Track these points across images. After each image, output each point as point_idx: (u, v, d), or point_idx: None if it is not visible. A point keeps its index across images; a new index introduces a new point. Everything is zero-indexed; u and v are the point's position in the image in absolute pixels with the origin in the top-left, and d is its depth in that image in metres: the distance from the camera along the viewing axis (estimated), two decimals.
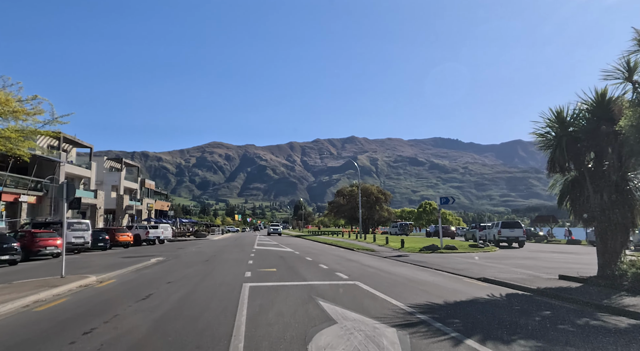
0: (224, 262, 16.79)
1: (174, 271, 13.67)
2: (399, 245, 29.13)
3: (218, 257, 19.77)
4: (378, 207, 67.90)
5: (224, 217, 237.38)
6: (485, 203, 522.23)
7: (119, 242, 33.29)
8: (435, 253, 23.77)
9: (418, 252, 24.36)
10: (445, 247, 24.95)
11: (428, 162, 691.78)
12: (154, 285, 10.57)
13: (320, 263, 15.86)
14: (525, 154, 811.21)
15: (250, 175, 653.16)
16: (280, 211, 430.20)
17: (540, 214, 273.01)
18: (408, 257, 20.74)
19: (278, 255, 20.56)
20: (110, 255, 23.46)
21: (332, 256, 20.85)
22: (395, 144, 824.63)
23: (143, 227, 40.47)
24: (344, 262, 16.76)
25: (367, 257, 20.56)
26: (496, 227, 31.04)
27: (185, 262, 17.44)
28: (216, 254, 21.90)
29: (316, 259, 18.16)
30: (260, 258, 18.90)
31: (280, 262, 16.81)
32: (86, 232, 26.64)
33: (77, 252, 26.65)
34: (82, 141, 49.01)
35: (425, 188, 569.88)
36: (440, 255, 21.52)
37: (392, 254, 22.93)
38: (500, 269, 14.25)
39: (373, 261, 17.99)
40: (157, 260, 18.90)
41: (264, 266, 14.80)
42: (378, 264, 16.21)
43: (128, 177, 66.79)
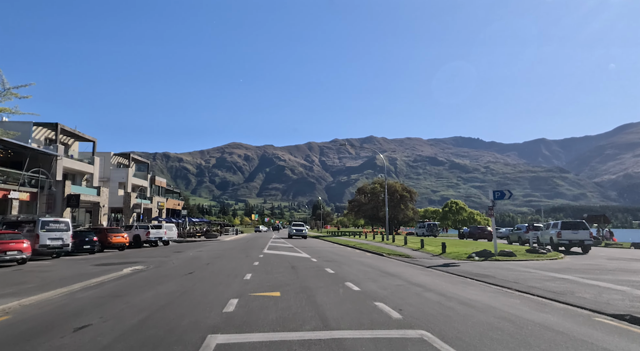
0: (213, 276, 12.15)
1: (126, 294, 8.94)
2: (438, 249, 24.12)
3: (211, 267, 15.16)
4: (403, 205, 62.58)
5: (242, 217, 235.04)
6: (508, 204, 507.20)
7: (112, 243, 29.21)
8: (489, 260, 18.75)
9: (466, 259, 19.37)
10: (499, 252, 19.89)
11: (448, 162, 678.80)
12: (54, 331, 6.00)
13: (347, 281, 11.00)
14: (549, 153, 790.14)
15: (269, 175, 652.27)
16: (298, 211, 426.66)
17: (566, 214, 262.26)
18: (459, 267, 15.82)
19: (289, 264, 15.77)
20: (84, 262, 19.14)
21: (360, 266, 16.01)
22: (414, 144, 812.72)
23: (144, 227, 36.37)
24: (381, 278, 11.88)
25: (408, 268, 15.64)
26: (554, 228, 25.70)
27: (161, 274, 12.85)
28: (211, 261, 17.31)
29: (340, 272, 13.40)
30: (265, 268, 14.17)
31: (290, 277, 12.03)
32: (65, 232, 22.43)
33: (56, 256, 22.53)
34: (84, 134, 45.32)
35: (446, 188, 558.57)
36: (500, 265, 16.51)
37: (435, 262, 18.03)
38: (622, 293, 9.26)
39: (420, 275, 13.07)
40: (132, 270, 14.47)
41: (264, 285, 9.93)
42: (431, 281, 11.26)
43: (137, 174, 63.16)
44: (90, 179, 47.82)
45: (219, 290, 9.20)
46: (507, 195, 19.90)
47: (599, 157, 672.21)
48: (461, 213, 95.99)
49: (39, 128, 40.12)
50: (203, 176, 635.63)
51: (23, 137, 37.99)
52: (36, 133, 40.10)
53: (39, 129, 40.18)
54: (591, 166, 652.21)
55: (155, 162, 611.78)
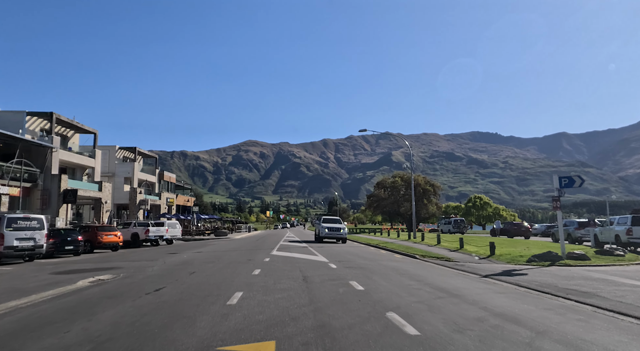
0: (185, 296, 8.09)
1: (28, 338, 5.26)
2: (482, 250, 19.93)
3: (194, 277, 11.26)
4: (426, 200, 58.09)
5: (258, 214, 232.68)
6: (528, 199, 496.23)
7: (103, 243, 25.78)
8: (557, 265, 14.54)
9: (527, 263, 15.20)
10: (567, 255, 15.66)
11: (466, 157, 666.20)
12: None
13: (390, 310, 6.71)
14: (570, 147, 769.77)
15: (285, 172, 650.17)
16: (314, 208, 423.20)
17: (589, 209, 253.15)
18: (527, 276, 11.70)
19: (300, 273, 11.69)
20: (50, 267, 15.52)
21: (396, 275, 11.95)
22: (430, 139, 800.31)
23: (143, 225, 32.96)
24: (439, 301, 7.63)
25: (463, 279, 11.51)
26: (620, 224, 21.27)
27: (117, 292, 8.86)
28: (200, 268, 13.38)
29: (373, 287, 9.22)
30: (265, 281, 10.06)
31: (299, 299, 7.69)
32: (38, 231, 18.92)
33: (28, 259, 19.08)
34: (83, 125, 42.10)
35: (463, 183, 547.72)
36: (582, 273, 12.33)
37: (490, 268, 13.91)
38: None
39: (490, 293, 8.91)
40: (91, 282, 10.75)
41: (254, 320, 5.54)
42: (521, 309, 7.03)
43: (145, 169, 60.07)
44: (91, 174, 44.76)
45: (172, 335, 5.29)
46: (577, 182, 15.56)
47: (623, 150, 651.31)
48: (486, 209, 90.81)
49: (33, 119, 36.96)
50: (220, 174, 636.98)
51: (16, 128, 34.86)
52: (30, 124, 36.97)
53: (34, 119, 37.03)
54: (615, 160, 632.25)
55: (173, 160, 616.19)
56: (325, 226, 31.12)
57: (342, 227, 31.41)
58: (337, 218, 34.60)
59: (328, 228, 30.81)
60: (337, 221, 33.39)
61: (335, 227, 30.96)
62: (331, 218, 34.34)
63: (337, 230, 30.72)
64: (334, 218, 34.39)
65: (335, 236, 30.70)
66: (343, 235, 30.79)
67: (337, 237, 30.75)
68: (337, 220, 34.03)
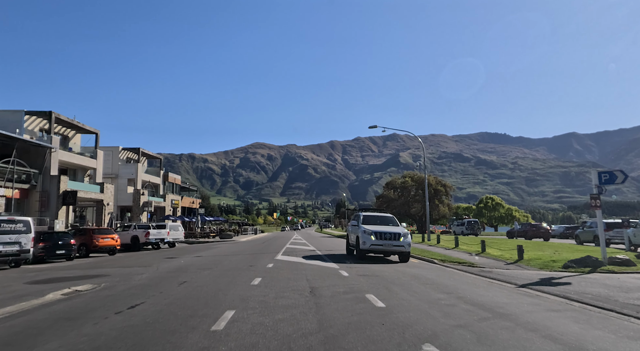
0: (162, 318, 6.51)
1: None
2: (506, 254, 18.11)
3: (183, 289, 9.63)
4: (437, 200, 56.16)
5: (266, 216, 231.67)
6: (538, 200, 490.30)
7: (99, 247, 24.34)
8: (600, 272, 12.75)
9: (563, 269, 13.43)
10: (609, 260, 13.86)
11: (474, 158, 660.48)
12: None
13: (426, 342, 4.93)
14: (580, 148, 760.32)
15: (292, 174, 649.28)
16: (322, 209, 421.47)
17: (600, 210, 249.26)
18: (572, 286, 9.95)
19: (307, 284, 9.66)
20: (31, 275, 13.99)
21: (419, 286, 10.19)
22: (439, 140, 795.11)
23: (144, 227, 31.53)
24: (484, 326, 5.81)
25: (499, 290, 9.70)
26: None
27: (84, 309, 7.26)
28: (194, 277, 11.74)
29: (394, 303, 7.50)
30: (266, 294, 8.30)
31: (305, 322, 5.93)
32: (24, 235, 17.46)
33: (14, 265, 17.62)
34: (84, 125, 40.86)
35: (472, 185, 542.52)
36: (636, 282, 10.60)
37: (524, 276, 12.15)
38: None
39: (553, 316, 6.86)
40: (63, 295, 9.20)
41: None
42: (603, 343, 5.19)
43: (149, 170, 58.84)
44: (93, 175, 43.54)
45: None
46: (619, 178, 13.70)
47: (635, 150, 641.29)
48: (498, 210, 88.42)
49: (32, 118, 35.76)
50: (227, 176, 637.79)
51: (14, 127, 33.65)
52: (29, 124, 35.77)
53: (32, 119, 35.83)
54: (627, 160, 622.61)
55: (181, 163, 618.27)
56: (371, 229, 17.18)
57: (402, 231, 17.36)
58: (389, 216, 20.31)
59: (376, 233, 16.93)
60: (389, 220, 19.44)
61: (389, 232, 17.02)
62: (379, 216, 20.06)
63: (392, 237, 16.88)
64: (384, 216, 20.19)
65: (389, 249, 16.95)
66: (404, 246, 16.86)
67: (393, 250, 17.03)
68: (389, 218, 19.68)
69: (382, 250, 17.12)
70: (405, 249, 16.92)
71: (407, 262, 16.79)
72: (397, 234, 16.97)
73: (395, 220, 19.59)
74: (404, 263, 16.57)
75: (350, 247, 20.15)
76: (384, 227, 17.96)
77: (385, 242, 16.74)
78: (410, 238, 17.44)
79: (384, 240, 16.78)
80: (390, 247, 16.82)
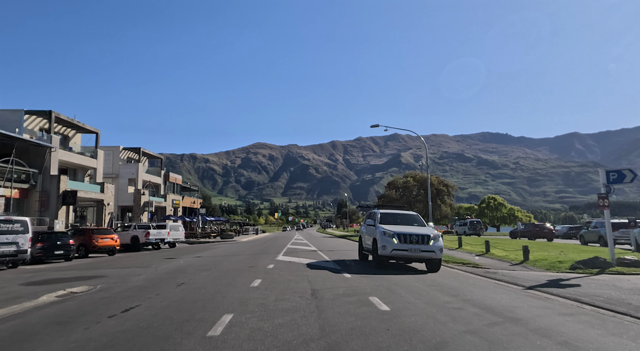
0: (155, 323, 6.37)
1: None
2: (511, 255, 17.78)
3: (180, 291, 9.35)
4: (439, 200, 55.81)
5: (267, 216, 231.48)
6: (539, 200, 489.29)
7: (98, 247, 24.09)
8: (608, 273, 12.44)
9: (571, 271, 13.12)
10: (618, 261, 13.54)
11: (476, 158, 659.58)
12: None
13: (435, 350, 4.67)
14: (582, 147, 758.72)
15: (294, 174, 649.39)
16: (323, 210, 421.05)
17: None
18: (581, 288, 9.64)
19: (308, 286, 9.36)
20: (27, 275, 13.72)
21: (424, 288, 9.81)
22: (440, 140, 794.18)
23: (144, 227, 31.27)
24: (496, 331, 5.50)
25: (506, 293, 9.33)
26: None
27: (76, 312, 6.94)
28: (192, 278, 11.46)
29: (401, 309, 7.01)
30: (265, 297, 7.78)
31: (306, 327, 5.62)
32: (21, 235, 17.21)
33: (12, 265, 17.37)
34: (84, 124, 40.63)
35: (474, 185, 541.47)
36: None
37: (530, 277, 11.83)
38: None
39: (565, 320, 6.48)
40: (57, 297, 8.93)
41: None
42: (622, 349, 4.94)
43: (150, 170, 58.58)
44: (93, 175, 43.32)
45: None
46: (628, 177, 13.39)
47: (637, 150, 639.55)
48: (500, 210, 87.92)
49: (32, 117, 35.55)
50: (229, 176, 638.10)
51: (14, 127, 33.44)
52: (29, 123, 35.55)
53: (32, 118, 35.61)
54: (629, 160, 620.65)
55: (183, 163, 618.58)
56: (392, 230, 13.84)
57: (431, 233, 13.95)
58: (412, 214, 16.56)
59: (399, 235, 13.58)
60: (412, 218, 15.89)
61: (415, 234, 13.65)
62: (400, 214, 16.29)
63: (420, 240, 13.52)
64: (407, 214, 16.46)
65: (415, 255, 13.48)
66: (434, 252, 13.50)
67: (420, 256, 13.54)
68: (413, 217, 16.10)
69: (406, 256, 13.43)
70: (436, 255, 13.42)
71: (437, 272, 13.45)
72: (426, 236, 13.52)
73: (421, 219, 15.88)
74: (434, 272, 13.27)
75: (364, 251, 16.64)
76: (407, 227, 14.47)
77: (411, 246, 13.25)
78: (441, 241, 13.92)
79: (409, 243, 13.30)
80: (417, 253, 13.28)
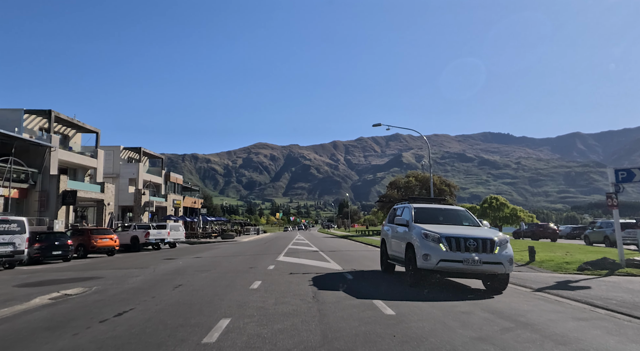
0: (151, 328, 6.04)
1: None
2: (516, 255, 17.42)
3: (177, 293, 9.03)
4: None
5: (269, 217, 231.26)
6: (541, 200, 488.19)
7: (97, 248, 23.83)
8: (618, 275, 12.10)
9: (579, 272, 12.77)
10: (627, 262, 13.20)
11: (477, 158, 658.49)
12: None
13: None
14: (584, 147, 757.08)
15: (295, 174, 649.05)
16: (324, 210, 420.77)
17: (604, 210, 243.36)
18: (592, 291, 9.30)
19: (309, 289, 9.09)
20: (23, 277, 13.51)
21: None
22: (441, 140, 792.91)
23: (144, 227, 31.02)
24: (508, 338, 5.07)
25: (520, 297, 8.84)
26: None
27: (67, 316, 6.60)
28: (191, 279, 11.16)
29: (407, 313, 6.60)
30: (265, 300, 7.43)
31: (309, 333, 5.28)
32: (18, 235, 16.95)
33: (8, 266, 17.10)
34: (85, 124, 40.42)
35: (475, 185, 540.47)
36: None
37: (538, 279, 11.43)
38: None
39: (581, 326, 6.07)
40: (50, 299, 8.64)
41: None
42: None
43: (151, 170, 58.34)
44: (93, 175, 43.08)
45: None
46: (637, 176, 13.07)
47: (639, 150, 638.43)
48: (503, 210, 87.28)
49: (32, 117, 35.31)
50: (230, 176, 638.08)
51: (14, 126, 33.21)
52: (29, 122, 35.32)
53: (32, 118, 35.38)
54: (631, 160, 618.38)
55: (184, 163, 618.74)
56: (437, 232, 9.53)
57: (495, 236, 9.51)
58: (458, 209, 12.24)
59: (449, 238, 9.28)
60: (459, 215, 11.68)
61: (473, 238, 9.29)
62: (442, 209, 11.96)
63: (480, 247, 9.17)
64: (451, 209, 12.19)
65: (475, 268, 9.03)
66: (501, 263, 9.10)
67: (482, 270, 9.12)
68: (460, 213, 11.78)
69: (460, 270, 9.03)
70: (504, 269, 9.05)
71: (502, 293, 9.20)
72: (488, 242, 9.14)
73: (472, 216, 11.53)
74: (499, 294, 9.06)
75: (389, 260, 12.25)
76: (456, 228, 10.17)
77: (467, 255, 8.92)
78: (511, 249, 9.46)
79: (464, 251, 8.99)
80: (475, 265, 8.88)
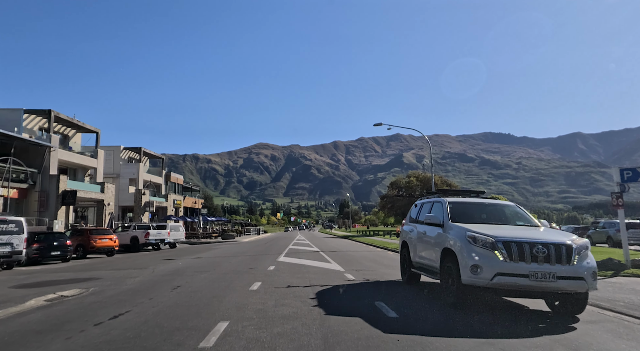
0: (147, 332, 5.84)
1: None
2: None
3: (175, 295, 8.82)
4: None
5: (269, 217, 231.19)
6: (542, 200, 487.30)
7: (96, 248, 23.67)
8: (624, 276, 11.94)
9: None
10: (633, 263, 13.02)
11: (478, 158, 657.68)
12: None
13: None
14: (585, 147, 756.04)
15: (296, 174, 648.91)
16: (325, 210, 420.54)
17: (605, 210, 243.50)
18: (599, 292, 9.16)
19: (309, 291, 9.18)
20: (22, 277, 13.36)
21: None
22: (442, 140, 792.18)
23: (144, 227, 30.87)
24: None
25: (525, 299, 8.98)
26: None
27: (61, 319, 6.36)
28: (190, 280, 11.00)
29: (411, 318, 6.23)
30: (264, 303, 7.25)
31: (309, 337, 4.96)
32: (16, 235, 16.79)
33: (6, 267, 16.95)
34: (84, 124, 40.30)
35: (476, 185, 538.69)
36: None
37: None
38: None
39: (594, 329, 5.78)
40: (46, 301, 8.47)
41: None
42: None
43: (151, 170, 58.21)
44: (93, 175, 42.94)
45: None
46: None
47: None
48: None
49: (31, 117, 35.20)
50: (231, 176, 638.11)
51: (13, 126, 33.08)
52: (28, 122, 35.21)
53: (32, 117, 35.27)
54: (632, 160, 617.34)
55: (185, 163, 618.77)
56: (492, 235, 6.67)
57: (569, 239, 6.68)
58: (507, 204, 9.33)
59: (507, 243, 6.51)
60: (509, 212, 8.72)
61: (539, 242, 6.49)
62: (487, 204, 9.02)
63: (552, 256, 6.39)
64: (498, 204, 9.14)
65: (546, 285, 6.28)
66: (582, 278, 6.35)
67: (555, 287, 6.32)
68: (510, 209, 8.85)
69: (527, 287, 6.43)
70: (586, 286, 6.51)
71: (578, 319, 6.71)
72: (563, 248, 6.57)
73: (525, 213, 8.82)
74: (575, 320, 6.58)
75: (414, 269, 9.73)
76: (509, 229, 7.60)
77: (535, 267, 6.39)
78: (592, 257, 6.86)
79: (530, 262, 6.44)
80: (549, 281, 6.34)
